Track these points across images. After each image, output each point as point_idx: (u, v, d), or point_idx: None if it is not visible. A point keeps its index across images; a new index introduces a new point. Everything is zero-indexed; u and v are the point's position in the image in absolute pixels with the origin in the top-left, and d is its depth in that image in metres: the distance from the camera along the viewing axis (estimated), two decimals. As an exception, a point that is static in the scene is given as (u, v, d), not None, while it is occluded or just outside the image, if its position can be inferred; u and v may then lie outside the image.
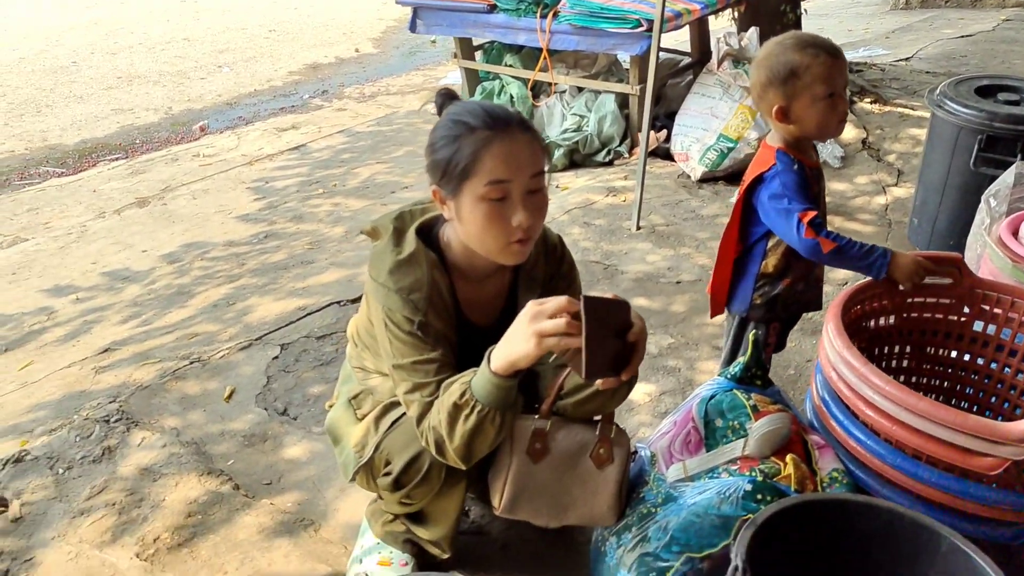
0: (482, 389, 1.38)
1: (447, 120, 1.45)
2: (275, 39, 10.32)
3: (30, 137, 6.81)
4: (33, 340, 3.14)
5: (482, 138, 1.38)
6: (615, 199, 3.92)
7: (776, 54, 1.77)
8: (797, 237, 1.76)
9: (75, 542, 1.98)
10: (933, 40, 6.67)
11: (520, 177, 1.40)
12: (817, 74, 1.74)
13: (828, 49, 1.76)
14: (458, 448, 1.44)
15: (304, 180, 4.84)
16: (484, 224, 1.41)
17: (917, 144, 4.28)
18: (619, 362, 1.33)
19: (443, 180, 1.43)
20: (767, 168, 1.82)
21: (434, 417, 1.45)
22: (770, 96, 1.79)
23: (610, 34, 4.21)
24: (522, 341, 1.31)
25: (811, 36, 1.80)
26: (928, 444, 1.45)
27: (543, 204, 1.47)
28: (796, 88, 1.76)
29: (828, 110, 1.77)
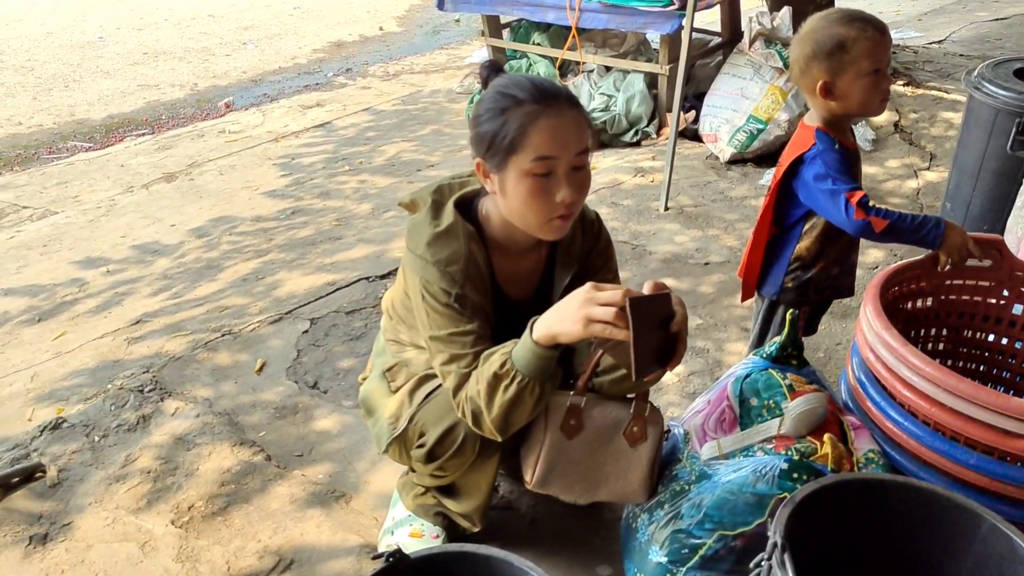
0: (522, 359, 1.38)
1: (494, 92, 1.44)
2: (299, 16, 10.31)
3: (58, 112, 6.86)
4: (66, 311, 3.18)
5: (530, 112, 1.38)
6: (643, 180, 3.90)
7: (822, 27, 1.75)
8: (846, 218, 1.73)
9: (111, 508, 2.01)
10: (967, 22, 6.55)
11: (566, 154, 1.39)
12: (864, 48, 1.71)
13: (876, 24, 1.74)
14: (496, 419, 1.44)
15: (330, 157, 4.85)
16: (528, 199, 1.41)
17: (950, 128, 4.22)
18: (663, 353, 1.34)
19: (488, 153, 1.42)
20: (807, 148, 1.79)
21: (472, 388, 1.46)
22: (814, 71, 1.77)
23: (641, 12, 4.16)
24: (569, 318, 1.32)
25: (858, 11, 1.77)
26: (967, 426, 1.44)
27: (586, 181, 1.46)
28: (842, 62, 1.73)
29: (872, 86, 1.75)
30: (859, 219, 1.71)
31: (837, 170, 1.75)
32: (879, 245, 3.15)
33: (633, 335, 1.26)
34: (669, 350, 1.34)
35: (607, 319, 1.28)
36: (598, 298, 1.30)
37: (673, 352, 1.34)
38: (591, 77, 4.80)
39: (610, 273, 1.72)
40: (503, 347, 1.43)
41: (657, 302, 1.32)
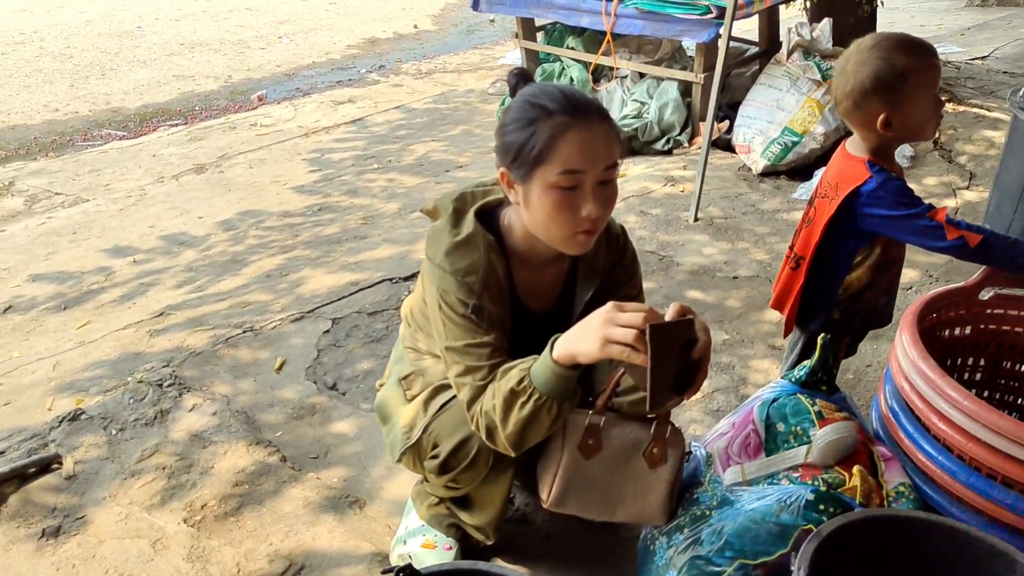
0: (541, 376, 1.35)
1: (523, 101, 1.40)
2: (335, 12, 10.37)
3: (94, 99, 6.94)
4: (91, 300, 3.20)
5: (560, 124, 1.34)
6: (673, 189, 3.85)
7: (878, 58, 1.66)
8: (933, 239, 1.66)
9: (125, 503, 2.00)
10: (1011, 39, 6.41)
11: (595, 168, 1.36)
12: (925, 78, 1.66)
13: (931, 50, 1.69)
14: (510, 435, 1.41)
15: (359, 154, 4.85)
16: (552, 212, 1.37)
17: (991, 147, 4.12)
18: (682, 381, 1.30)
19: (514, 163, 1.39)
20: (862, 182, 1.72)
21: (487, 402, 1.43)
22: (872, 104, 1.68)
23: (677, 20, 4.11)
24: (589, 338, 1.28)
25: (906, 37, 1.71)
26: (1005, 464, 1.38)
27: (613, 196, 1.42)
28: (904, 94, 1.66)
29: (932, 114, 1.70)
30: (953, 238, 1.65)
31: (906, 195, 1.70)
32: (912, 264, 3.08)
33: (651, 363, 1.22)
34: (688, 378, 1.30)
35: (627, 341, 1.24)
36: (618, 318, 1.27)
37: (692, 380, 1.30)
38: (624, 83, 4.75)
39: (634, 289, 1.67)
40: (522, 363, 1.40)
41: (678, 328, 1.27)
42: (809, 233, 1.87)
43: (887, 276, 1.85)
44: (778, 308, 2.02)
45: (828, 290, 1.88)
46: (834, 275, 1.87)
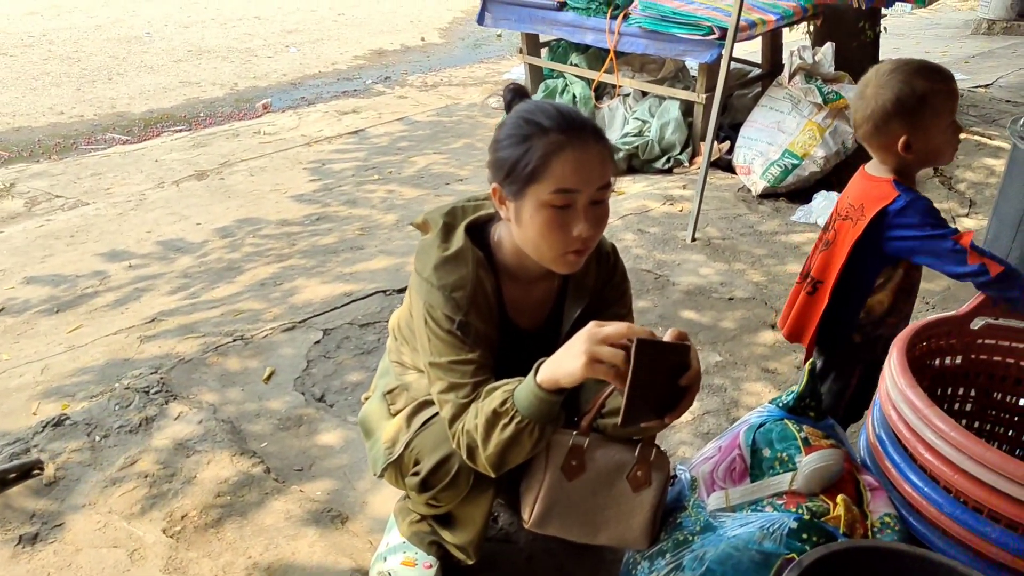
0: (524, 400, 1.33)
1: (517, 118, 1.39)
2: (343, 23, 10.41)
3: (100, 104, 6.96)
4: (84, 303, 3.19)
5: (555, 142, 1.33)
6: (671, 208, 3.84)
7: (897, 82, 1.68)
8: (955, 263, 1.66)
9: (104, 511, 1.98)
10: (1015, 68, 6.42)
11: (588, 188, 1.35)
12: (945, 102, 1.68)
13: (949, 75, 1.70)
14: (491, 456, 1.39)
15: (360, 165, 4.85)
16: (543, 231, 1.36)
17: (991, 175, 4.11)
18: (665, 405, 1.28)
19: (507, 180, 1.38)
20: (889, 201, 1.72)
21: (470, 421, 1.41)
22: (893, 127, 1.70)
23: (680, 40, 4.12)
24: (572, 359, 1.26)
25: (925, 62, 1.73)
26: (992, 497, 1.36)
27: (605, 216, 1.41)
28: (925, 116, 1.67)
29: (951, 137, 1.71)
30: (975, 263, 1.63)
31: (933, 215, 1.70)
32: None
33: (631, 376, 1.20)
34: (672, 402, 1.27)
35: (613, 361, 1.23)
36: (603, 336, 1.25)
37: (676, 405, 1.28)
38: (626, 101, 4.76)
39: (624, 308, 1.66)
40: (507, 384, 1.38)
41: (670, 350, 1.25)
42: (829, 256, 1.86)
43: (908, 302, 1.85)
44: (794, 337, 1.99)
45: (850, 314, 1.87)
46: (856, 298, 1.86)
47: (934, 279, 3.19)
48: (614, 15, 4.37)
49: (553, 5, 4.61)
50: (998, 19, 8.12)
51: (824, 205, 3.67)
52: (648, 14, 4.21)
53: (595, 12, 4.44)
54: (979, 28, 8.25)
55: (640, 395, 1.22)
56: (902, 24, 8.63)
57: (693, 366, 1.28)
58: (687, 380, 1.27)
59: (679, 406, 1.28)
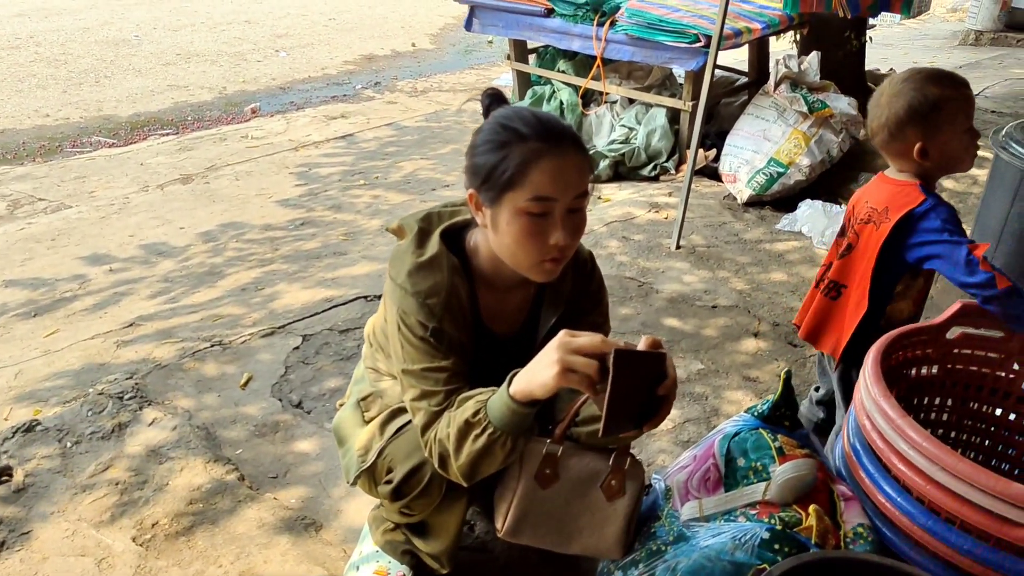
0: (497, 411, 1.31)
1: (495, 123, 1.37)
2: (334, 27, 10.41)
3: (86, 106, 6.93)
4: (63, 307, 3.16)
5: (533, 149, 1.31)
6: (657, 215, 3.84)
7: (912, 89, 1.70)
8: (968, 272, 1.65)
9: (73, 519, 1.95)
10: (1001, 79, 6.46)
11: (565, 196, 1.33)
12: (960, 108, 1.69)
13: (964, 82, 1.72)
14: (462, 466, 1.38)
15: (347, 170, 4.84)
16: (520, 238, 1.35)
17: (974, 184, 4.13)
18: (642, 415, 1.26)
19: (483, 186, 1.36)
20: (916, 204, 1.72)
21: (442, 430, 1.40)
22: (908, 133, 1.72)
23: (667, 47, 4.12)
24: (545, 369, 1.24)
25: (939, 70, 1.75)
26: (964, 509, 1.35)
27: (582, 224, 1.40)
28: (939, 123, 1.69)
29: (968, 144, 1.72)
30: (985, 271, 1.64)
31: (955, 223, 1.70)
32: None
33: (611, 387, 1.18)
34: (649, 412, 1.26)
35: (586, 371, 1.21)
36: (576, 345, 1.23)
37: (654, 415, 1.26)
38: (613, 108, 4.76)
39: (600, 317, 1.64)
40: (480, 394, 1.37)
41: (647, 359, 1.24)
42: (851, 261, 1.87)
43: (921, 311, 1.86)
44: (812, 339, 1.99)
45: (873, 320, 1.86)
46: (877, 305, 1.85)
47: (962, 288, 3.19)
48: (601, 22, 4.37)
49: (540, 12, 4.61)
50: (986, 30, 8.18)
51: (809, 214, 3.67)
52: (635, 21, 4.22)
53: (582, 19, 4.45)
54: (967, 39, 8.31)
55: (619, 406, 1.21)
56: (890, 34, 8.70)
57: (670, 375, 1.27)
58: (664, 389, 1.26)
59: (657, 415, 1.27)
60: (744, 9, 4.26)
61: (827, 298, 1.94)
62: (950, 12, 10.44)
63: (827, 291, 1.94)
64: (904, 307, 1.86)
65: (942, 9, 10.62)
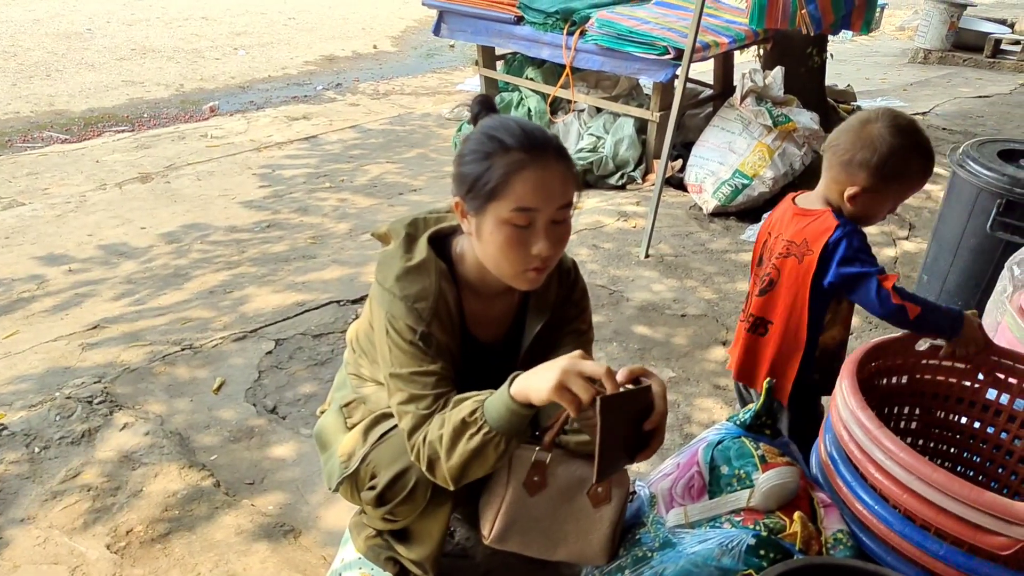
0: (495, 411, 1.33)
1: (481, 134, 1.39)
2: (294, 27, 10.29)
3: (37, 100, 6.74)
4: (21, 308, 3.07)
5: (516, 161, 1.33)
6: (625, 224, 3.89)
7: (899, 147, 1.68)
8: (878, 302, 1.68)
9: (45, 526, 1.91)
10: (950, 97, 6.69)
11: (548, 207, 1.35)
12: (915, 188, 1.73)
13: (932, 168, 1.74)
14: (453, 467, 1.38)
15: (312, 172, 4.79)
16: (503, 248, 1.36)
17: (929, 199, 4.27)
18: (634, 447, 1.30)
19: (468, 194, 1.38)
20: (831, 232, 1.74)
21: (433, 431, 1.40)
22: (859, 176, 1.71)
23: (636, 58, 4.18)
24: (544, 379, 1.26)
25: (926, 140, 1.74)
26: (939, 516, 1.41)
27: (565, 235, 1.42)
28: (890, 189, 1.72)
29: (886, 212, 1.77)
30: (895, 303, 1.66)
31: (865, 251, 1.72)
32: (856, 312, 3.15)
33: (600, 435, 1.22)
34: (641, 443, 1.30)
35: (582, 395, 1.23)
36: (579, 367, 1.26)
37: (646, 446, 1.31)
38: (581, 116, 4.80)
39: (583, 324, 1.67)
40: (477, 394, 1.38)
41: (633, 396, 1.27)
42: (775, 297, 1.86)
43: (848, 330, 1.89)
44: (744, 378, 1.99)
45: (808, 355, 1.87)
46: (812, 337, 1.86)
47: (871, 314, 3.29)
48: (571, 31, 4.42)
49: (510, 19, 4.63)
50: (934, 49, 8.46)
51: (772, 225, 3.76)
52: (605, 32, 4.27)
53: (552, 28, 4.48)
54: (915, 57, 8.58)
55: (610, 449, 1.24)
56: (843, 50, 8.92)
57: (658, 407, 1.30)
58: (653, 423, 1.29)
59: (649, 446, 1.31)
60: (712, 23, 4.35)
61: (754, 335, 1.93)
62: (898, 30, 10.77)
63: (753, 328, 1.93)
64: (836, 333, 1.88)
65: (891, 27, 10.95)
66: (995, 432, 1.85)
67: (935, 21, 8.39)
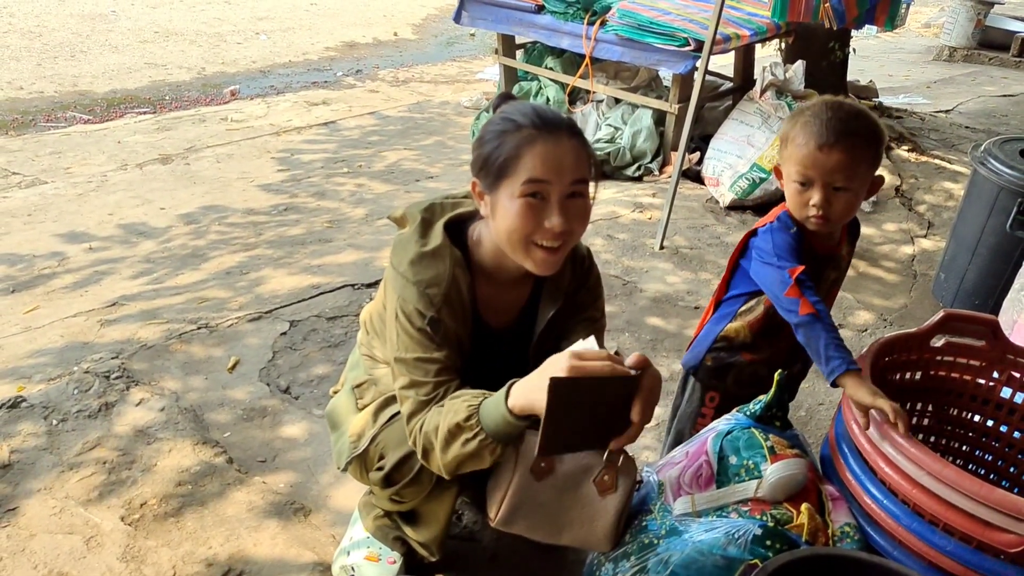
0: (492, 421, 1.34)
1: (497, 117, 1.43)
2: (315, 12, 10.30)
3: (61, 80, 6.79)
4: (42, 284, 3.11)
5: (526, 136, 1.36)
6: (641, 215, 3.88)
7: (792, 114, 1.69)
8: (780, 291, 1.62)
9: (61, 497, 1.94)
10: (974, 95, 6.61)
11: (560, 180, 1.37)
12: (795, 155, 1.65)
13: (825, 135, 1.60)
14: (448, 463, 1.41)
15: (330, 157, 4.81)
16: (516, 220, 1.37)
17: (950, 198, 4.23)
18: (607, 433, 1.34)
19: (482, 173, 1.41)
20: (764, 224, 1.74)
21: (428, 422, 1.42)
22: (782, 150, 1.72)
23: (656, 49, 4.16)
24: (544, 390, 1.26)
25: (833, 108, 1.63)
26: (948, 512, 1.40)
27: (583, 212, 1.43)
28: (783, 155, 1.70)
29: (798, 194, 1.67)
30: (791, 296, 1.59)
31: (783, 249, 1.65)
32: (868, 306, 3.14)
33: (546, 412, 1.23)
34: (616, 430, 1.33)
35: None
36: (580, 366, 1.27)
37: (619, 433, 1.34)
38: (600, 107, 4.79)
39: (596, 312, 1.67)
40: (471, 397, 1.38)
41: (601, 385, 1.28)
42: None
43: (771, 347, 1.83)
44: None
45: (708, 328, 1.90)
46: (717, 315, 1.88)
47: (891, 297, 3.27)
48: (591, 21, 4.40)
49: (531, 8, 4.62)
50: (959, 47, 8.36)
51: (789, 220, 3.74)
52: (625, 22, 4.25)
53: (572, 17, 4.47)
54: (941, 55, 8.49)
55: (559, 429, 1.26)
56: (867, 47, 8.83)
57: (642, 398, 1.31)
58: (635, 414, 1.31)
59: (621, 435, 1.33)
60: (733, 16, 4.32)
61: None
62: (924, 27, 10.65)
63: None
64: (740, 329, 1.84)
65: (916, 24, 10.83)
66: (1008, 430, 1.84)
67: (961, 19, 8.29)
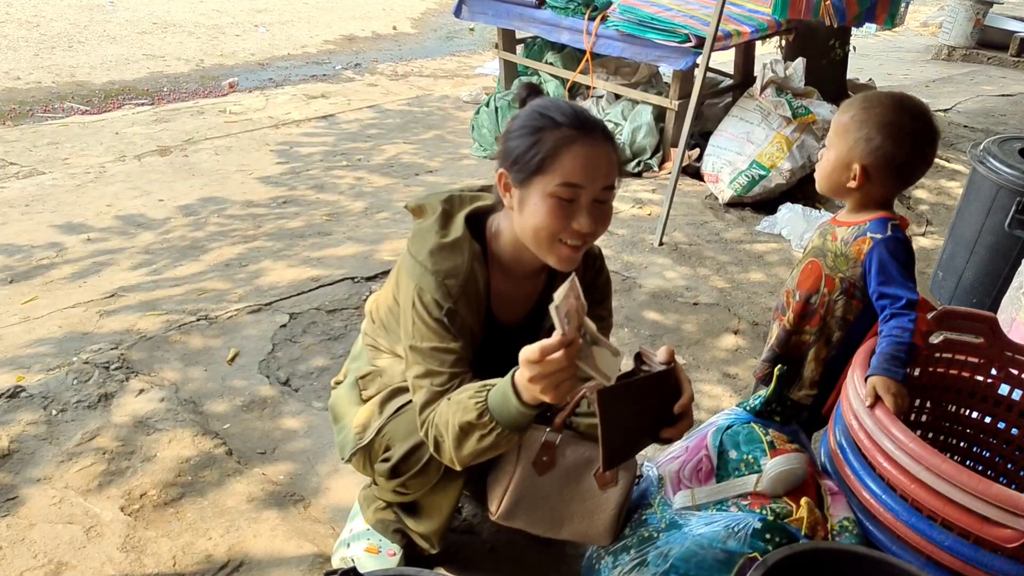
0: (505, 413, 1.32)
1: (532, 111, 1.42)
2: (314, 6, 10.28)
3: (58, 71, 6.77)
4: (40, 275, 3.11)
5: (566, 136, 1.36)
6: (640, 211, 3.88)
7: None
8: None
9: (60, 487, 1.94)
10: (973, 95, 6.62)
11: (593, 185, 1.38)
12: None
13: None
14: (463, 457, 1.41)
15: (329, 150, 4.80)
16: (546, 218, 1.38)
17: (948, 197, 4.24)
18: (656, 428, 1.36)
19: (514, 167, 1.40)
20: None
21: (440, 415, 1.41)
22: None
23: (656, 45, 4.16)
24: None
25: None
26: (946, 507, 1.41)
27: (606, 216, 1.44)
28: None
29: None
30: None
31: None
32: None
33: (602, 424, 1.24)
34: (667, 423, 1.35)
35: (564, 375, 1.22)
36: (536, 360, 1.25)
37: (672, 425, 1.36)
38: (599, 103, 4.79)
39: (604, 311, 1.69)
40: (478, 392, 1.36)
41: (640, 386, 1.30)
42: None
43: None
44: None
45: None
46: None
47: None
48: (592, 16, 4.40)
49: (531, 2, 4.62)
50: (958, 46, 8.37)
51: (788, 217, 3.75)
52: (626, 18, 4.25)
53: (573, 12, 4.46)
54: (939, 54, 8.49)
55: (615, 437, 1.27)
56: (866, 45, 8.83)
57: (685, 391, 1.35)
58: (681, 407, 1.35)
59: (676, 427, 1.37)
60: (734, 12, 4.32)
61: None
62: (922, 26, 10.65)
63: None
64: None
65: (915, 23, 10.83)
66: (1006, 427, 1.85)
67: (960, 18, 8.29)
